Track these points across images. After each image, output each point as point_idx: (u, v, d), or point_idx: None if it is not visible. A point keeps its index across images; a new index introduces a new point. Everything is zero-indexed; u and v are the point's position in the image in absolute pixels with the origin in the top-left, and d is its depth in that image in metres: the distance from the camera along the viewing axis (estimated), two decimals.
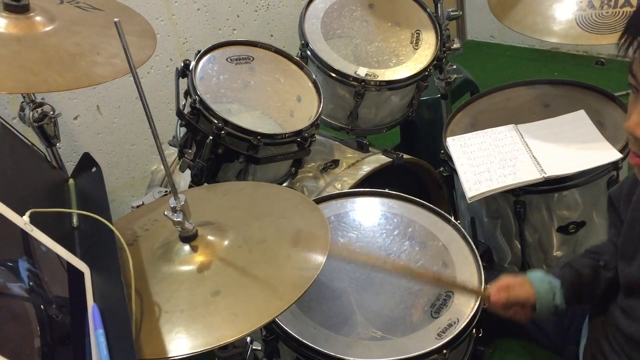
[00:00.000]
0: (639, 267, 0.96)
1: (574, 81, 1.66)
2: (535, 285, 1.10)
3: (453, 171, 1.51)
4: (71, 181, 1.12)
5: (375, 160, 1.73)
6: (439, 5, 1.87)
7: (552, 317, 1.18)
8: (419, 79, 1.75)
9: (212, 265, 0.95)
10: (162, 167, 1.84)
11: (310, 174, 1.72)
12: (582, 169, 1.34)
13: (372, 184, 1.57)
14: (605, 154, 1.35)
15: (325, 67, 1.67)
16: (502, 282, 1.11)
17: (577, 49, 3.25)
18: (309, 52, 1.69)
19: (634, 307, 0.97)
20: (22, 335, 0.69)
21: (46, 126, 1.33)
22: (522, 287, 1.10)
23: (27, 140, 1.12)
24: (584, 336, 1.13)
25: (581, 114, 1.51)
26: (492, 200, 1.47)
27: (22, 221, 0.79)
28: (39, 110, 1.31)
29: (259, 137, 1.38)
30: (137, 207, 1.37)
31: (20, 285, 0.73)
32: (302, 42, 1.71)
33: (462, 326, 1.06)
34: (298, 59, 1.65)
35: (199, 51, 1.49)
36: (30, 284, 0.75)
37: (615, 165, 1.36)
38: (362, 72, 1.69)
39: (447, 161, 1.54)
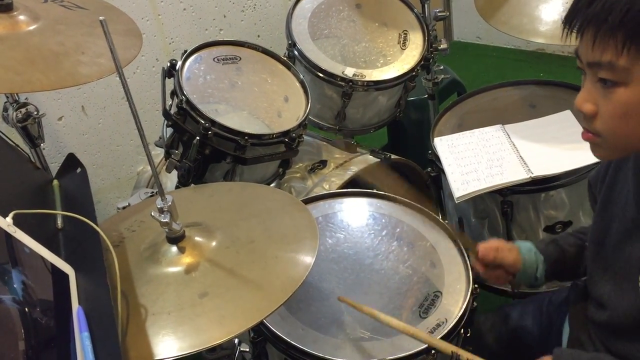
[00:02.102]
0: (609, 247, 0.97)
1: (560, 82, 1.67)
2: (523, 253, 1.13)
3: (441, 171, 1.51)
4: (55, 182, 1.11)
5: (363, 160, 1.73)
6: (426, 5, 1.88)
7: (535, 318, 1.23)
8: (406, 79, 1.75)
9: (199, 266, 0.95)
10: (148, 167, 1.83)
11: (298, 175, 1.71)
12: (569, 169, 1.35)
13: (359, 184, 1.56)
14: (592, 154, 1.36)
15: (312, 67, 1.67)
16: (492, 243, 1.15)
17: (563, 50, 3.27)
18: (296, 52, 1.69)
19: (602, 295, 0.98)
20: (6, 338, 0.67)
21: (30, 127, 1.32)
22: (511, 252, 1.13)
23: (11, 140, 1.10)
24: (565, 334, 1.14)
25: (567, 114, 1.52)
26: (479, 201, 1.47)
27: (5, 223, 0.78)
28: (23, 110, 1.30)
29: (246, 137, 1.37)
30: (123, 208, 1.36)
31: (3, 287, 0.72)
32: (290, 42, 1.70)
33: (450, 326, 1.06)
34: (285, 59, 1.65)
35: (185, 51, 1.48)
36: (14, 286, 0.74)
37: None
38: (349, 72, 1.69)
39: (435, 161, 1.54)
